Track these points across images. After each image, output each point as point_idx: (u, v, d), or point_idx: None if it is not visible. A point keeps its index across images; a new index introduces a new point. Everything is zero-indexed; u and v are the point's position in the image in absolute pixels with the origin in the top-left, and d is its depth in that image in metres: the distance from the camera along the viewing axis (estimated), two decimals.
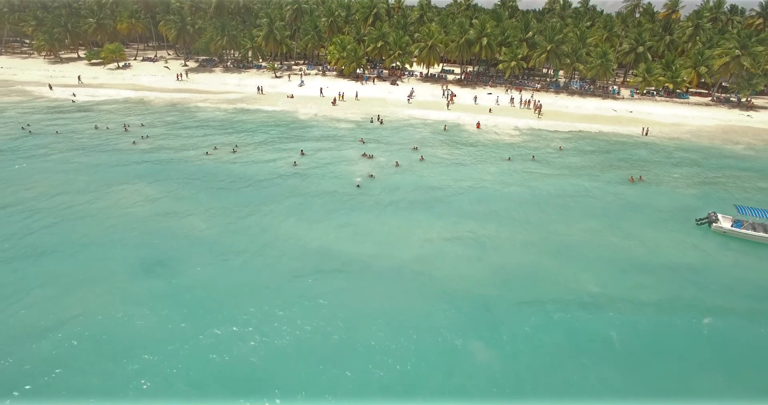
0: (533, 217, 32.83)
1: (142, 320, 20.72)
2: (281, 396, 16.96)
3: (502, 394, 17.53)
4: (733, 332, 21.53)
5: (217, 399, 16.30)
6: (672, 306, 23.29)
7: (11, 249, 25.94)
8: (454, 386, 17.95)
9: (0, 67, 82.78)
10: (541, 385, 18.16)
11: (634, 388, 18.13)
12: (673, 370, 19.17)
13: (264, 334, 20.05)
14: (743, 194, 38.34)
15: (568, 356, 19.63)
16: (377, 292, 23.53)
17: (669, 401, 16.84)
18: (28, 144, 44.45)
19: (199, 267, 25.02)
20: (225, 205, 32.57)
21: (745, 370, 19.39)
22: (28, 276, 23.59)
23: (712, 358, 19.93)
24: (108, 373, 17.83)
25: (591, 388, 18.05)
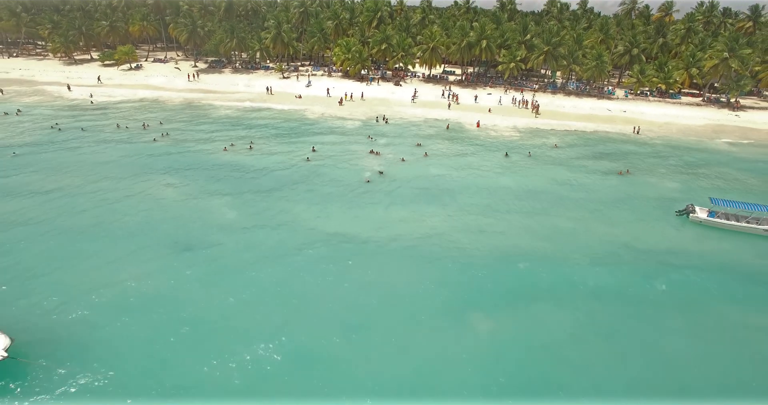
0: (528, 206, 35.93)
1: (182, 283, 23.91)
2: (304, 333, 20.08)
3: (499, 307, 21.69)
4: (686, 289, 25.53)
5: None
6: (642, 272, 27.01)
7: (64, 226, 29.26)
8: (456, 313, 21.60)
9: (20, 68, 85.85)
10: (523, 310, 23.18)
11: (599, 317, 23.25)
12: (633, 309, 23.73)
13: (281, 289, 23.50)
14: (722, 187, 41.43)
15: (551, 296, 23.96)
16: (386, 262, 26.74)
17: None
18: (59, 139, 47.67)
19: (229, 243, 28.27)
20: (246, 195, 35.73)
21: (693, 311, 23.83)
22: (83, 249, 26.92)
23: (666, 302, 24.43)
24: (157, 324, 20.94)
25: (565, 312, 23.37)
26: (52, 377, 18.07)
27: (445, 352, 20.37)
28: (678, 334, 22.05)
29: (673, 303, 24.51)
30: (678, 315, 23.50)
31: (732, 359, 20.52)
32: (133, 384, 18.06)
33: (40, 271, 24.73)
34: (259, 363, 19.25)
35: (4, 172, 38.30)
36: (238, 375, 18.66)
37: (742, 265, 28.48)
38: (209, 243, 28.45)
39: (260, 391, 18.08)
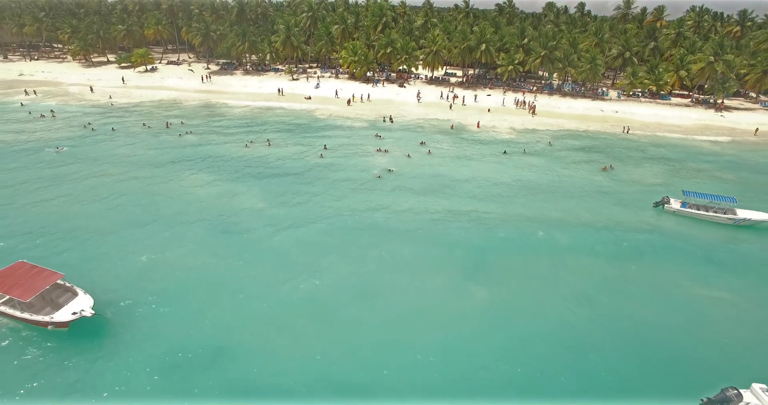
0: (522, 198, 40.10)
1: (222, 261, 28.13)
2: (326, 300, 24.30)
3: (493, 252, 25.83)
4: (654, 259, 30.15)
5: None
6: (618, 246, 31.49)
7: (114, 211, 33.68)
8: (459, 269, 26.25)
9: (42, 71, 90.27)
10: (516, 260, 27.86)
11: (573, 263, 29.25)
12: (606, 269, 29.25)
13: (304, 259, 27.68)
14: (699, 182, 45.45)
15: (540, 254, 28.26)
16: (396, 242, 30.91)
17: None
18: (94, 137, 52.14)
19: (258, 228, 32.51)
20: (270, 186, 40.02)
21: (655, 273, 28.50)
22: (135, 229, 31.28)
23: (635, 269, 28.92)
24: (203, 296, 25.16)
25: (544, 258, 29.75)
26: (126, 329, 22.31)
27: (442, 300, 24.74)
28: (641, 291, 26.33)
29: (642, 272, 28.84)
30: (643, 273, 28.10)
31: (674, 307, 24.76)
32: (187, 329, 22.34)
33: (104, 248, 29.03)
34: (287, 312, 23.61)
35: (55, 165, 42.80)
36: (267, 315, 23.50)
37: (705, 246, 32.68)
38: (242, 225, 32.80)
39: (287, 322, 23.33)
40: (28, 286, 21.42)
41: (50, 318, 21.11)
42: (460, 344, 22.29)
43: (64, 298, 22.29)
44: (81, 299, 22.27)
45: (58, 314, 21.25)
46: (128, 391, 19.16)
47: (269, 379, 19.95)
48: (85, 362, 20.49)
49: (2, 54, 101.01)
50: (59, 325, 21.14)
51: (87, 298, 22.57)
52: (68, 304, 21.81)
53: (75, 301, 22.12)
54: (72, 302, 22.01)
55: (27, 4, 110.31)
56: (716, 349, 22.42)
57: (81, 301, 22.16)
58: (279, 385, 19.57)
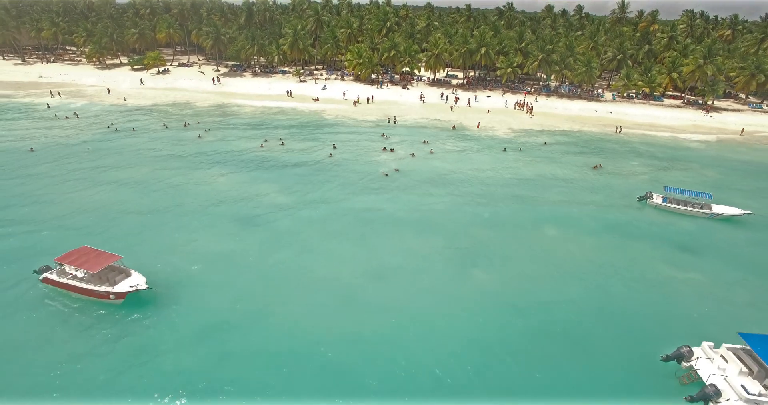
0: (518, 192, 43.65)
1: (247, 244, 31.72)
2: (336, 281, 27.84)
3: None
4: (633, 244, 33.01)
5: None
6: (602, 233, 34.94)
7: (150, 204, 37.30)
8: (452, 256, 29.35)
9: (60, 73, 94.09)
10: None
11: (562, 250, 32.82)
12: (590, 247, 31.95)
13: (320, 247, 31.28)
14: (683, 179, 48.97)
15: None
16: (405, 230, 34.53)
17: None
18: (118, 137, 55.89)
19: (280, 218, 36.12)
20: (286, 182, 43.61)
21: (635, 257, 30.97)
22: (170, 221, 34.91)
23: (617, 252, 31.50)
24: (232, 274, 28.70)
25: (537, 245, 33.39)
26: (170, 301, 25.90)
27: (444, 281, 28.32)
28: (622, 272, 29.91)
29: (623, 256, 32.37)
30: (623, 257, 31.69)
31: (649, 284, 28.32)
32: (219, 300, 25.91)
33: (145, 235, 32.71)
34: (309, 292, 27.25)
35: (89, 164, 46.51)
36: (290, 290, 27.05)
37: (681, 235, 36.23)
38: (264, 215, 36.44)
39: (308, 296, 26.86)
40: (94, 262, 25.12)
41: (112, 289, 24.80)
42: (461, 312, 25.91)
43: (120, 277, 25.91)
44: (135, 277, 25.96)
45: (117, 286, 24.93)
46: (174, 348, 22.73)
47: (290, 339, 23.44)
48: (139, 327, 24.09)
49: (20, 57, 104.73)
50: (118, 296, 24.81)
51: (140, 276, 26.25)
52: (125, 280, 25.50)
53: (130, 278, 25.81)
54: (127, 279, 25.70)
55: (42, 7, 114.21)
56: (678, 317, 25.99)
57: (135, 278, 25.85)
58: (299, 344, 23.10)
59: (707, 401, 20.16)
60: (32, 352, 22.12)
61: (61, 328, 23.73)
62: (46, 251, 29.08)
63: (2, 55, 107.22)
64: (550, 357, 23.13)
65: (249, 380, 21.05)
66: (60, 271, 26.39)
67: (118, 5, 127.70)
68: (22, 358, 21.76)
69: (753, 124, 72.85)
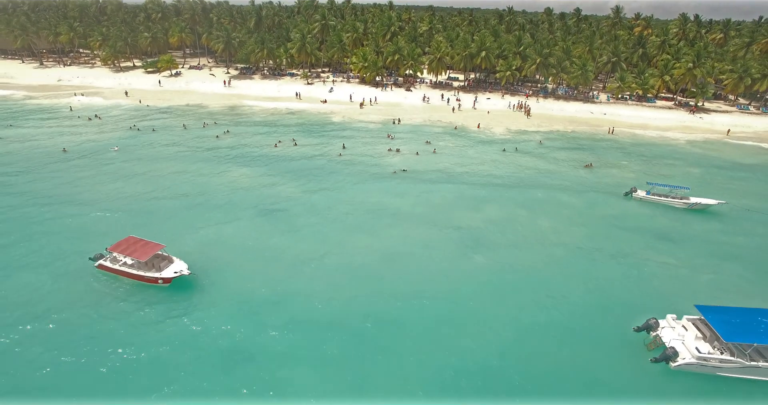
0: (514, 188, 47.46)
1: (271, 234, 35.63)
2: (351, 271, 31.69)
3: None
4: (619, 231, 36.73)
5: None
6: (590, 222, 38.64)
7: (178, 201, 41.22)
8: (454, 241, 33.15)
9: (77, 76, 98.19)
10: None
11: (554, 238, 35.77)
12: (578, 235, 34.79)
13: (335, 237, 35.16)
14: (668, 175, 52.65)
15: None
16: (411, 221, 38.43)
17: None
18: (142, 137, 59.98)
19: (298, 211, 40.06)
20: (301, 179, 47.52)
21: (618, 243, 34.65)
22: (199, 213, 38.87)
23: (604, 239, 35.20)
24: (260, 260, 32.56)
25: (530, 234, 36.74)
26: (209, 284, 29.83)
27: (450, 261, 32.22)
28: (605, 256, 33.75)
29: (607, 242, 36.17)
30: (607, 243, 35.49)
31: (628, 266, 32.14)
32: (251, 283, 29.75)
33: (180, 227, 36.66)
34: (324, 271, 31.16)
35: (119, 163, 50.54)
36: (311, 273, 30.69)
37: (660, 224, 40.13)
38: (284, 209, 40.37)
39: (327, 278, 30.50)
40: (142, 251, 29.06)
41: (160, 274, 28.75)
42: (462, 288, 29.82)
43: (165, 263, 29.79)
44: (178, 263, 29.90)
45: (164, 272, 28.86)
46: (215, 324, 26.64)
47: (314, 313, 27.38)
48: (185, 305, 28.02)
49: (38, 60, 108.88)
50: (165, 281, 28.72)
51: (182, 262, 30.16)
52: (169, 267, 29.45)
53: (174, 264, 29.75)
54: (172, 265, 29.63)
55: (59, 12, 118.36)
56: (651, 295, 29.82)
57: (178, 264, 29.79)
58: (327, 319, 27.01)
59: (667, 361, 24.04)
60: (98, 325, 26.00)
61: (120, 307, 27.61)
62: (95, 239, 33.13)
63: (21, 59, 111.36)
64: (539, 324, 27.04)
65: (281, 345, 25.00)
66: (112, 258, 30.30)
67: (128, 8, 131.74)
68: (90, 330, 25.69)
69: (739, 124, 76.55)
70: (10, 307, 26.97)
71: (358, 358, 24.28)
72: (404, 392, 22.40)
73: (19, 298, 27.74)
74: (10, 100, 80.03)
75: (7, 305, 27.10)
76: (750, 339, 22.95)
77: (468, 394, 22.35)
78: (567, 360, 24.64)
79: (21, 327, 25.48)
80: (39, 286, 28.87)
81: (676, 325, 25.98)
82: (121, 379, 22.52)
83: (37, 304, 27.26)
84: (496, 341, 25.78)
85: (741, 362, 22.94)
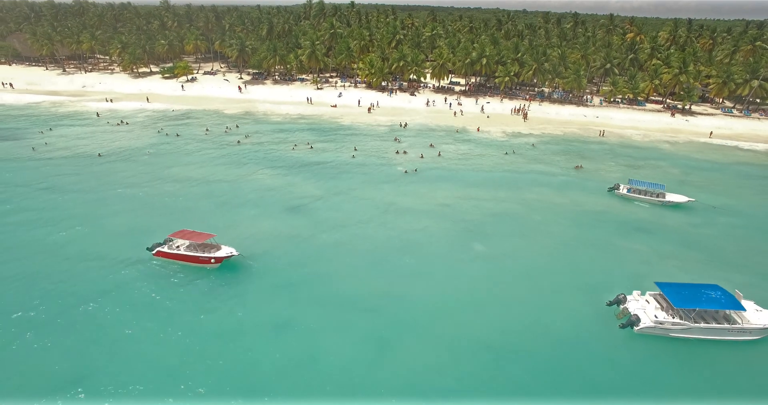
0: (510, 186, 53.02)
1: (299, 227, 41.29)
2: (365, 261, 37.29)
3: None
4: (598, 223, 42.20)
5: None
6: (576, 216, 44.15)
7: (214, 198, 46.90)
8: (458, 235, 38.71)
9: (100, 82, 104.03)
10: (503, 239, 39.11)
11: (544, 229, 39.67)
12: (565, 226, 40.12)
13: (352, 230, 40.74)
14: (650, 175, 58.11)
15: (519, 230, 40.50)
16: (419, 216, 44.05)
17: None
18: (169, 142, 65.69)
19: (319, 207, 45.74)
20: (320, 179, 53.18)
21: (596, 232, 40.12)
22: (233, 210, 44.57)
23: (587, 230, 40.68)
24: (294, 247, 38.18)
25: (524, 226, 40.74)
26: (253, 267, 35.53)
27: (452, 251, 37.85)
28: (586, 245, 39.31)
29: (589, 232, 41.76)
30: (589, 233, 41.06)
31: (605, 252, 37.68)
32: (288, 265, 35.41)
33: (221, 221, 42.37)
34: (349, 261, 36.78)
35: (155, 166, 56.28)
36: (338, 258, 36.29)
37: (636, 217, 45.79)
38: (307, 205, 46.08)
39: (352, 262, 35.96)
40: (197, 237, 34.80)
41: (213, 254, 34.51)
42: (464, 270, 35.47)
43: (215, 249, 35.55)
44: (226, 248, 35.63)
45: (217, 253, 34.64)
46: (262, 300, 32.27)
47: (344, 290, 33.02)
48: (233, 281, 33.74)
49: (61, 67, 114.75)
50: (217, 260, 34.44)
51: (230, 248, 35.88)
52: (220, 250, 35.19)
53: (223, 249, 35.48)
54: (222, 249, 35.38)
55: (74, 14, 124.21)
56: (623, 275, 35.39)
57: (227, 249, 35.53)
58: (349, 295, 32.60)
59: (632, 326, 29.65)
60: (162, 300, 31.75)
61: (178, 283, 33.37)
62: (146, 233, 38.86)
63: (45, 66, 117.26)
64: (530, 299, 32.69)
65: (312, 315, 30.66)
66: (170, 245, 36.02)
67: (142, 13, 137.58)
68: (156, 304, 31.42)
69: (722, 127, 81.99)
70: (95, 282, 32.76)
71: (377, 326, 29.92)
72: (415, 353, 27.97)
73: (101, 278, 33.50)
74: (41, 107, 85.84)
75: (92, 282, 32.88)
76: (694, 305, 28.60)
77: (466, 346, 27.98)
78: (554, 326, 30.21)
79: (102, 300, 31.23)
80: (113, 269, 34.63)
81: (640, 298, 31.60)
82: (189, 332, 28.23)
83: (121, 280, 33.10)
84: (493, 312, 31.42)
85: (687, 324, 28.57)
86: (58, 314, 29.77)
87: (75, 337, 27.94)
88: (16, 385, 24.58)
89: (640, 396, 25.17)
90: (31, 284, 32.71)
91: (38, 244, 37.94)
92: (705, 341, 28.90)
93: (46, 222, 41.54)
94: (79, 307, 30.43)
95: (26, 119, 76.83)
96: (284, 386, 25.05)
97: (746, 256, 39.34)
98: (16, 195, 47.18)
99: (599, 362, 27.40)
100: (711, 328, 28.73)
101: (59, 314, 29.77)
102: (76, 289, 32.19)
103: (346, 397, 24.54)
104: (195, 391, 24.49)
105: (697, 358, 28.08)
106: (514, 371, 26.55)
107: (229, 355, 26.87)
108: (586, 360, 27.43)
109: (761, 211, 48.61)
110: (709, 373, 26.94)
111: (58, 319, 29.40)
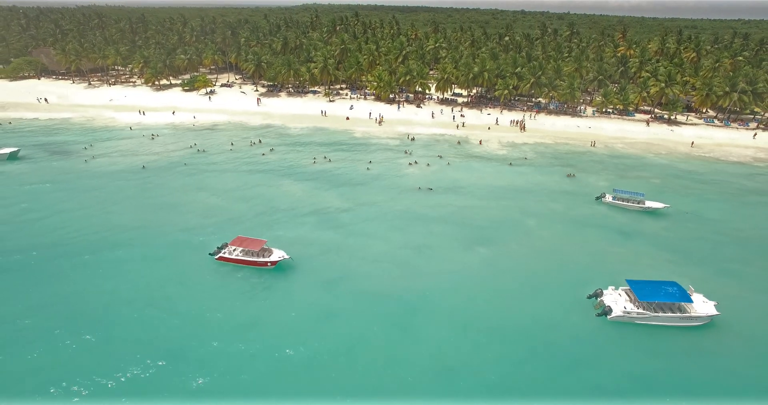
0: (509, 195, 60.24)
1: (328, 235, 48.51)
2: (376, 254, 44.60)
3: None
4: (584, 226, 49.34)
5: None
6: (566, 219, 51.35)
7: (251, 206, 54.18)
8: (462, 239, 45.93)
9: (125, 96, 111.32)
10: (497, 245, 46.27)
11: (538, 233, 46.36)
12: (556, 230, 47.27)
13: (364, 232, 47.97)
14: (635, 184, 65.34)
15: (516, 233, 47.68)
16: (431, 223, 51.29)
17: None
18: (201, 155, 72.99)
19: (345, 216, 52.97)
20: (340, 190, 60.50)
21: (581, 233, 47.21)
22: (267, 217, 51.88)
23: (573, 231, 47.84)
24: (327, 251, 45.42)
25: (520, 231, 46.67)
26: (300, 268, 42.81)
27: (460, 254, 45.09)
28: (573, 246, 46.50)
29: (577, 236, 48.95)
30: (577, 237, 48.26)
31: (588, 253, 44.88)
32: (328, 266, 42.67)
33: (262, 228, 49.69)
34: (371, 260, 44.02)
35: (196, 178, 63.65)
36: (366, 258, 43.55)
37: (619, 222, 53.09)
38: (334, 215, 53.36)
39: (376, 261, 43.12)
40: (254, 244, 42.05)
41: (269, 258, 41.84)
42: (469, 273, 42.77)
43: (268, 253, 42.88)
44: (278, 252, 42.93)
45: (272, 257, 41.90)
46: (308, 296, 39.56)
47: (373, 286, 40.31)
48: (285, 283, 41.04)
49: (87, 81, 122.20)
50: (273, 263, 41.71)
51: (281, 251, 43.16)
52: (273, 254, 42.49)
53: (275, 253, 42.76)
54: (275, 253, 42.67)
55: (104, 37, 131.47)
56: (602, 273, 42.65)
57: (278, 252, 42.83)
58: (379, 289, 39.90)
59: (606, 315, 36.94)
60: (224, 297, 39.11)
61: (240, 283, 40.71)
62: (203, 240, 46.23)
63: (71, 79, 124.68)
64: (523, 292, 40.02)
65: (350, 307, 37.95)
66: (229, 251, 43.34)
67: (159, 27, 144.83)
68: (219, 299, 38.80)
69: (704, 136, 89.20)
70: (167, 285, 40.14)
71: (403, 315, 37.27)
72: (436, 338, 35.27)
73: (172, 282, 40.88)
74: (77, 122, 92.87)
75: (164, 284, 40.25)
76: (654, 298, 35.97)
77: (474, 327, 35.29)
78: (541, 314, 37.52)
79: (174, 299, 38.59)
80: (181, 272, 41.98)
81: (614, 292, 38.90)
82: (251, 318, 35.59)
83: (190, 284, 40.41)
84: (493, 303, 38.76)
85: (649, 314, 35.93)
86: (161, 299, 37.22)
87: (178, 319, 35.30)
88: (148, 342, 31.83)
89: (611, 369, 32.46)
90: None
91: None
92: (662, 326, 36.22)
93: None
94: (179, 298, 37.90)
95: (68, 133, 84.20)
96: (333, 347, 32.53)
97: (707, 255, 46.70)
98: (95, 202, 54.57)
99: (578, 342, 34.68)
100: (667, 316, 36.09)
101: (162, 299, 37.21)
102: (166, 286, 39.68)
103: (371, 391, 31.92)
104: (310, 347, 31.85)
105: (655, 339, 35.34)
106: (509, 348, 33.82)
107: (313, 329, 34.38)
108: (567, 340, 34.72)
109: (726, 216, 55.94)
110: (664, 350, 34.24)
111: (162, 302, 36.85)
